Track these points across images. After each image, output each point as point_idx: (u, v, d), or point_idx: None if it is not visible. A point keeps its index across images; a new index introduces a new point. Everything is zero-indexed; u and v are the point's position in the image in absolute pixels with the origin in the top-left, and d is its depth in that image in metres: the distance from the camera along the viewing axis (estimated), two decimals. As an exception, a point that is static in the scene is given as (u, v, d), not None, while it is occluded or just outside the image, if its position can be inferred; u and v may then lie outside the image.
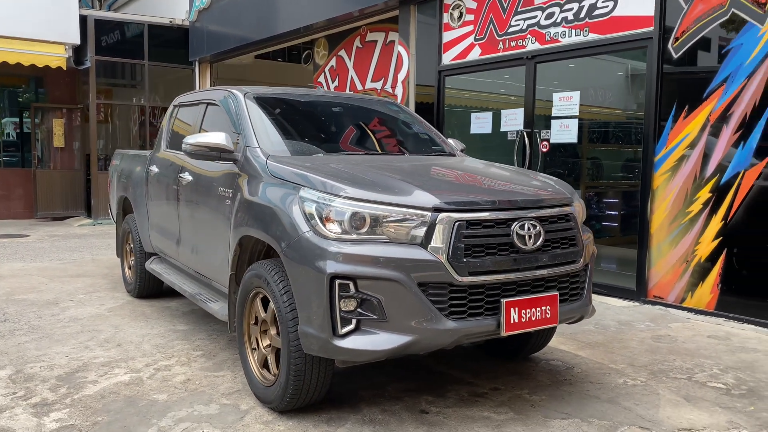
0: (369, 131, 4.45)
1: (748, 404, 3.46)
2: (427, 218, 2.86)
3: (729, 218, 4.95)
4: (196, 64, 13.32)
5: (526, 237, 2.98)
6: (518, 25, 6.54)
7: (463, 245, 2.84)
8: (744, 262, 4.91)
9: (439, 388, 3.64)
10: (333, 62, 10.29)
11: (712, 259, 5.06)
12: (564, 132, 6.16)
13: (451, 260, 2.81)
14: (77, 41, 11.98)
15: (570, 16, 6.03)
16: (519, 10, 6.53)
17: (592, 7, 5.84)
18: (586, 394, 3.58)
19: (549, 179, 3.62)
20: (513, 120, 6.64)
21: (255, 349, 3.50)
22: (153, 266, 5.33)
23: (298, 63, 14.77)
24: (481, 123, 7.03)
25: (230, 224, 3.68)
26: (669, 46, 5.28)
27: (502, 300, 2.90)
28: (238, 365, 4.01)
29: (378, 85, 9.28)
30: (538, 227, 3.03)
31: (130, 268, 6.06)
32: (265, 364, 3.42)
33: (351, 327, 2.82)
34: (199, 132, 4.54)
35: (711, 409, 3.38)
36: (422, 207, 2.87)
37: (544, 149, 6.37)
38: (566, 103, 6.12)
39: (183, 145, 3.81)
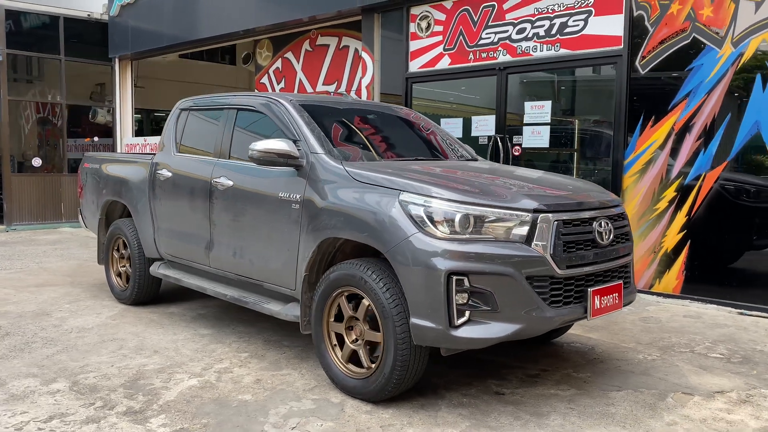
0: (408, 138, 4.73)
1: (750, 369, 4.15)
2: (528, 219, 3.22)
3: (692, 214, 5.74)
4: (116, 60, 12.72)
5: (604, 233, 3.44)
6: (489, 38, 7.05)
7: (561, 242, 3.23)
8: (705, 251, 5.72)
9: (496, 373, 4.01)
10: (278, 64, 10.33)
11: (677, 249, 5.84)
12: (536, 137, 6.75)
13: (553, 255, 3.20)
14: (-14, 33, 11.09)
15: (541, 32, 6.63)
16: (490, 24, 7.04)
17: (563, 25, 6.46)
18: (621, 369, 4.11)
19: (591, 183, 4.11)
20: (484, 125, 7.15)
21: (335, 345, 3.69)
22: (163, 271, 5.24)
23: (225, 63, 14.53)
24: (451, 128, 7.47)
25: (299, 228, 3.83)
26: (636, 63, 6.00)
27: (588, 289, 3.33)
28: (295, 363, 4.14)
29: (331, 88, 9.47)
30: (610, 225, 3.50)
31: (119, 275, 5.88)
32: (350, 359, 3.61)
33: (465, 318, 3.12)
34: (231, 137, 4.60)
35: (726, 375, 4.02)
36: (524, 209, 3.23)
37: (516, 153, 6.93)
38: (538, 111, 6.71)
39: (249, 152, 3.89)
